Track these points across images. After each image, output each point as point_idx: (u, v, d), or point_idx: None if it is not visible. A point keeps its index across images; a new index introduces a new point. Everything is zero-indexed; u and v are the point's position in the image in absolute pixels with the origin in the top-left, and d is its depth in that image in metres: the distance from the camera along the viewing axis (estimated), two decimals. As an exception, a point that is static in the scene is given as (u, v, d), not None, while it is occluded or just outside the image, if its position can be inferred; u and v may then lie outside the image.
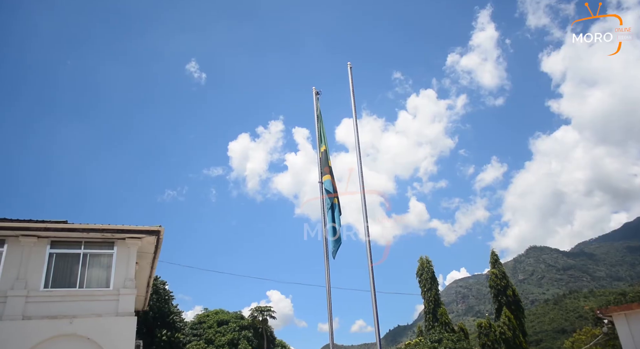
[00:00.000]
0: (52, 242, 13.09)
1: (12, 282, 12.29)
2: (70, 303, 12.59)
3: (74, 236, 13.17)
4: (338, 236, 7.44)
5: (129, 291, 13.10)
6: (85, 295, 12.78)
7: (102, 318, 12.54)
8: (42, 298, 12.40)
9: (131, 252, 13.63)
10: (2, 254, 12.57)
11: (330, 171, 7.97)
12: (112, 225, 13.12)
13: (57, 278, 12.92)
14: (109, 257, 13.50)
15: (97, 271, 13.34)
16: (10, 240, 12.72)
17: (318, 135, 8.45)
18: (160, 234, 13.68)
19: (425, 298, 41.76)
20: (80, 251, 13.28)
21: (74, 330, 12.19)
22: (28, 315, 12.06)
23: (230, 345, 37.67)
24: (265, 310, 44.60)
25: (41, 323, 12.03)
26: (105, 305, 12.83)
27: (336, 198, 7.69)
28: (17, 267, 12.50)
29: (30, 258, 12.70)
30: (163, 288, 39.05)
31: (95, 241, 13.48)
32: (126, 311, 12.87)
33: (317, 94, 8.67)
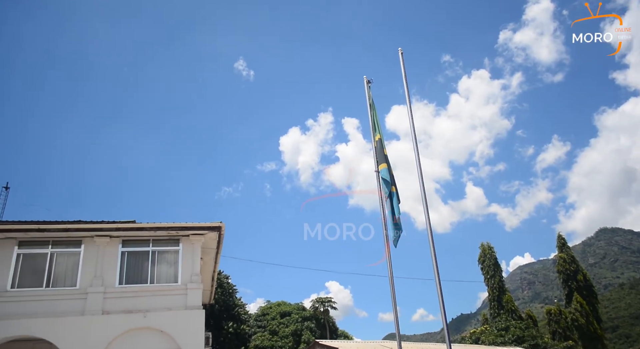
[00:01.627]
0: (124, 242, 13.87)
1: (91, 279, 13.14)
2: (143, 298, 13.28)
3: (143, 235, 13.87)
4: (398, 224, 7.35)
5: (195, 286, 13.64)
6: (156, 290, 13.44)
7: (172, 311, 13.15)
8: (117, 293, 13.18)
9: (195, 248, 14.16)
10: (80, 254, 13.47)
11: (386, 160, 7.86)
12: (177, 223, 13.69)
13: (130, 274, 13.67)
14: (175, 253, 14.11)
15: (165, 267, 13.98)
16: (86, 241, 13.60)
17: (372, 124, 8.35)
18: (222, 229, 14.11)
19: (489, 285, 40.58)
20: (149, 249, 13.98)
21: (148, 323, 12.87)
22: (107, 310, 12.87)
23: (294, 336, 38.44)
24: (326, 301, 45.06)
25: (118, 317, 12.80)
26: (174, 299, 13.44)
27: (394, 187, 7.57)
28: (94, 265, 13.35)
29: (105, 257, 13.52)
30: (226, 282, 40.39)
31: (162, 239, 14.13)
32: (194, 304, 13.41)
33: (369, 83, 8.56)
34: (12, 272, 12.91)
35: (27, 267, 13.16)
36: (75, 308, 12.78)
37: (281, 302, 43.47)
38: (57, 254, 13.42)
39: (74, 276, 13.25)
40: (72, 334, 12.35)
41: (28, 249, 13.28)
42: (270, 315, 40.76)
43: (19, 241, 13.24)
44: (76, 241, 13.58)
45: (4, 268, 12.85)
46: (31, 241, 13.34)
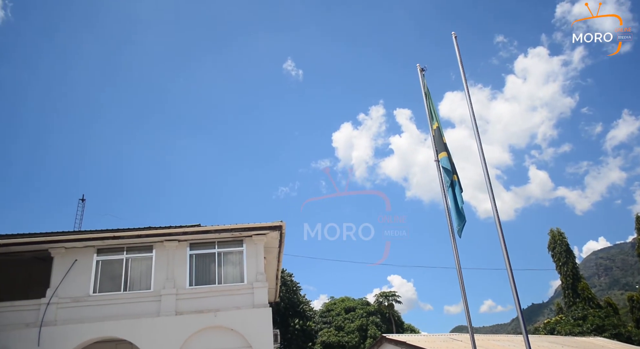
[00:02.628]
0: (191, 245, 14.44)
1: (163, 282, 13.80)
2: (212, 298, 13.77)
3: (208, 237, 14.38)
4: (462, 213, 7.12)
5: (261, 285, 13.96)
6: (224, 290, 13.89)
7: (241, 310, 13.54)
8: (188, 294, 13.75)
9: (258, 248, 14.49)
10: (152, 258, 14.18)
11: (446, 148, 7.65)
12: (239, 224, 14.07)
13: (199, 276, 14.22)
14: (240, 254, 14.50)
15: (231, 268, 14.42)
16: (157, 245, 14.29)
17: (428, 113, 8.15)
18: (283, 228, 14.34)
19: (562, 272, 38.59)
20: (215, 251, 14.47)
21: (219, 322, 13.33)
22: (180, 311, 13.46)
23: (360, 331, 38.48)
24: (390, 295, 44.74)
25: (191, 317, 13.35)
26: (242, 298, 13.82)
27: (455, 175, 7.36)
28: (165, 269, 14.01)
29: (175, 260, 14.14)
30: (290, 280, 41.06)
31: (226, 240, 14.57)
32: (261, 302, 13.74)
33: (423, 71, 8.35)
34: (93, 278, 13.81)
35: (105, 273, 14.04)
36: (151, 309, 13.47)
37: (345, 298, 43.62)
38: (131, 259, 14.21)
39: (148, 279, 13.98)
40: (150, 335, 13.03)
41: (105, 256, 14.15)
42: (335, 311, 41.02)
43: (97, 248, 14.14)
44: (148, 247, 14.31)
45: (86, 275, 13.78)
46: (108, 248, 14.20)
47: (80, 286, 13.62)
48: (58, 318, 13.15)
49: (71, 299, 13.41)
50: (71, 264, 13.80)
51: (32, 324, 12.98)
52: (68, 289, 13.54)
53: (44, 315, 13.04)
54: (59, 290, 13.45)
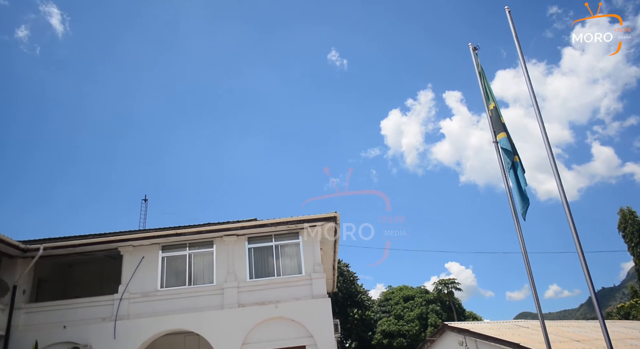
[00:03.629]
0: (249, 239, 14.80)
1: (225, 276, 14.25)
2: (272, 290, 14.07)
3: (265, 231, 14.66)
4: (525, 196, 6.81)
5: (319, 275, 14.09)
6: (283, 282, 14.14)
7: (300, 301, 13.75)
8: (249, 287, 14.12)
9: (314, 239, 14.62)
10: (213, 253, 14.67)
11: (504, 128, 7.33)
12: (294, 217, 14.24)
13: (258, 269, 14.56)
14: (296, 246, 14.70)
15: (288, 260, 14.65)
16: (217, 240, 14.76)
17: (484, 93, 7.84)
18: (337, 219, 14.37)
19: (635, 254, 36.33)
20: (272, 244, 14.75)
21: (280, 313, 13.61)
22: (242, 303, 13.86)
23: (420, 319, 38.06)
24: (449, 282, 43.92)
25: (253, 308, 13.72)
26: (301, 290, 14.03)
27: (516, 156, 7.03)
28: (226, 263, 14.45)
29: (235, 254, 14.55)
30: (347, 270, 41.21)
31: (283, 233, 14.81)
32: (320, 293, 13.88)
33: (475, 50, 8.01)
34: (160, 273, 14.49)
35: (170, 268, 14.68)
36: (214, 302, 13.96)
37: (403, 286, 43.27)
38: (194, 254, 14.76)
39: (210, 273, 14.48)
40: (215, 326, 13.52)
41: (170, 253, 14.79)
42: (393, 300, 40.80)
43: (162, 245, 14.80)
44: (208, 242, 14.81)
45: (154, 271, 14.48)
46: (171, 245, 14.83)
47: (148, 282, 14.33)
48: (130, 312, 13.92)
49: (141, 294, 14.14)
50: (139, 261, 14.54)
51: (107, 318, 13.82)
52: (138, 284, 14.28)
53: (118, 310, 13.84)
54: (129, 286, 14.21)
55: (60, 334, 13.65)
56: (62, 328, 13.73)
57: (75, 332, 13.67)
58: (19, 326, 13.87)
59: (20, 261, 14.57)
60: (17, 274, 14.39)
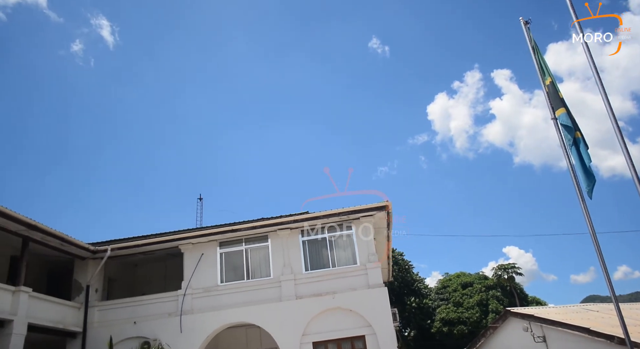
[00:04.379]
0: (302, 231, 14.95)
1: (281, 269, 14.49)
2: (328, 281, 14.16)
3: (318, 223, 14.75)
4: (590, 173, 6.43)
5: (374, 265, 14.04)
6: (338, 273, 14.20)
7: (357, 291, 13.76)
8: (305, 279, 14.29)
9: (367, 229, 14.56)
10: (268, 247, 14.95)
11: (563, 104, 6.94)
12: (346, 208, 14.23)
13: (313, 261, 14.70)
14: (349, 236, 14.70)
15: (342, 251, 14.69)
16: (271, 235, 15.02)
17: (539, 68, 7.44)
18: (389, 208, 14.23)
19: None
20: (325, 235, 14.83)
21: (338, 304, 13.69)
22: (299, 295, 14.06)
23: (480, 306, 37.16)
24: (509, 267, 42.53)
25: (311, 300, 13.88)
26: (357, 280, 14.04)
27: (578, 132, 6.64)
28: (282, 256, 14.69)
29: (289, 247, 14.76)
30: (401, 259, 40.87)
31: (335, 225, 14.85)
32: (376, 283, 13.83)
33: (527, 24, 7.61)
34: (219, 269, 14.95)
35: (229, 263, 15.11)
36: (273, 295, 14.24)
37: (460, 273, 42.33)
38: (250, 249, 15.11)
39: (267, 267, 14.78)
40: (275, 319, 13.80)
41: (227, 249, 15.21)
42: (451, 287, 40.02)
43: (220, 242, 15.24)
44: (263, 236, 15.10)
45: (213, 266, 14.96)
46: (228, 241, 15.25)
47: (209, 277, 14.83)
48: (194, 307, 14.47)
49: (203, 290, 14.66)
50: (199, 258, 15.06)
51: (173, 313, 14.44)
52: (199, 280, 14.81)
53: (182, 305, 14.43)
54: (191, 282, 14.77)
55: (131, 329, 14.43)
56: (132, 324, 14.50)
57: (144, 327, 14.40)
58: (93, 323, 14.78)
59: (91, 262, 15.49)
60: (89, 275, 15.31)
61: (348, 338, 13.48)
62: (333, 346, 13.56)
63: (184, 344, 13.59)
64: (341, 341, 13.51)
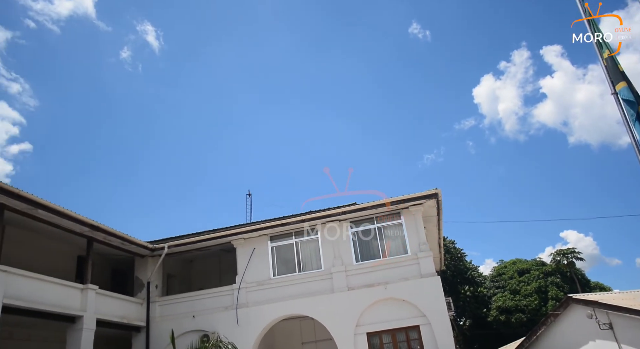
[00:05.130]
0: (351, 223, 14.94)
1: (332, 261, 14.56)
2: (379, 271, 14.09)
3: (366, 214, 14.69)
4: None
5: (425, 254, 13.83)
6: (390, 263, 14.09)
7: (409, 281, 13.61)
8: (356, 270, 14.29)
9: (417, 218, 14.34)
10: (318, 239, 15.05)
11: (624, 77, 6.50)
12: (394, 197, 14.07)
13: (363, 252, 14.66)
14: (399, 226, 14.54)
15: (392, 241, 14.55)
16: (321, 227, 15.11)
17: (596, 41, 7.02)
18: (438, 196, 13.95)
19: None
20: (374, 226, 14.75)
21: (390, 294, 13.60)
22: (351, 286, 14.08)
23: (539, 293, 35.87)
24: (568, 252, 40.75)
25: (362, 291, 13.87)
26: (408, 270, 13.88)
27: (641, 106, 6.19)
28: (332, 248, 14.75)
29: (339, 239, 14.80)
30: (453, 247, 40.09)
31: (384, 215, 14.73)
32: (428, 272, 13.62)
33: (582, -5, 7.16)
34: (271, 262, 15.22)
35: (280, 257, 15.35)
36: (325, 287, 14.34)
37: (516, 260, 40.96)
38: (300, 242, 15.27)
39: (317, 259, 14.89)
40: (328, 310, 13.90)
41: (278, 242, 15.45)
42: (507, 274, 38.84)
43: (270, 236, 15.50)
44: (312, 229, 15.21)
45: (265, 260, 15.25)
46: (279, 235, 15.48)
47: (261, 271, 15.13)
48: (249, 300, 14.83)
49: (256, 283, 14.98)
50: (251, 252, 15.39)
51: (229, 307, 14.86)
52: (252, 274, 15.15)
53: (237, 298, 14.82)
54: (245, 276, 15.13)
55: (191, 323, 14.98)
56: (191, 318, 15.06)
57: (203, 320, 14.92)
58: (155, 317, 15.46)
59: (150, 260, 16.19)
60: (149, 272, 16.01)
61: (402, 328, 13.39)
62: (387, 336, 13.50)
63: (241, 337, 13.96)
64: (395, 331, 13.44)
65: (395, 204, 14.21)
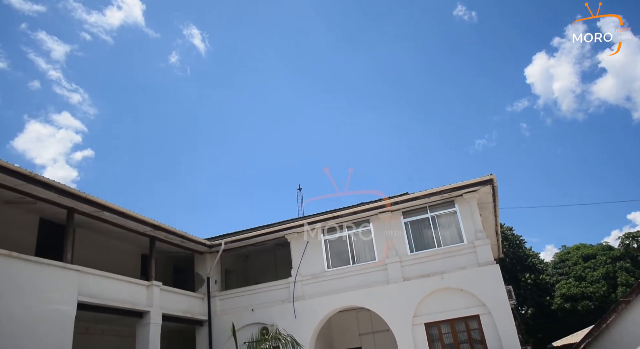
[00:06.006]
0: (404, 213, 14.77)
1: (386, 252, 14.47)
2: (435, 261, 13.86)
3: (418, 203, 14.46)
4: None
5: (482, 242, 13.45)
6: (445, 252, 13.83)
7: (466, 270, 13.30)
8: (411, 261, 14.13)
9: (472, 205, 13.97)
10: (371, 231, 15.01)
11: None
12: (447, 185, 13.75)
13: (417, 242, 14.46)
14: (453, 214, 14.22)
15: (447, 230, 14.26)
16: (373, 218, 15.04)
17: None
18: (494, 182, 13.50)
19: None
20: (428, 215, 14.50)
21: (447, 284, 13.36)
22: (407, 277, 13.95)
23: (606, 279, 34.02)
24: (638, 235, 38.32)
25: (418, 281, 13.71)
26: (465, 258, 13.56)
27: None
28: (385, 239, 14.65)
29: (392, 230, 14.67)
30: (511, 234, 38.78)
31: (437, 203, 14.45)
32: (486, 260, 13.25)
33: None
34: (325, 255, 15.34)
35: (333, 250, 15.44)
36: (380, 278, 14.30)
37: (580, 245, 38.97)
38: (353, 234, 15.29)
39: (371, 251, 14.86)
40: (384, 301, 13.86)
41: (331, 235, 15.55)
42: (570, 260, 37.07)
43: (323, 229, 15.62)
44: (365, 221, 15.18)
45: (319, 253, 15.39)
46: (331, 228, 15.56)
47: (316, 264, 15.29)
48: (305, 293, 15.04)
49: (311, 276, 15.16)
50: (305, 245, 15.58)
51: (286, 300, 15.15)
52: (307, 267, 15.34)
53: (294, 291, 15.07)
54: (300, 269, 15.35)
55: (250, 316, 15.40)
56: (250, 311, 15.47)
57: (261, 314, 15.30)
58: (216, 311, 16.02)
59: (208, 256, 16.76)
60: (207, 267, 16.60)
61: (461, 318, 13.14)
62: (446, 326, 13.30)
63: (299, 329, 14.19)
64: (454, 321, 13.21)
65: (449, 192, 13.90)
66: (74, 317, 10.76)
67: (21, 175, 9.75)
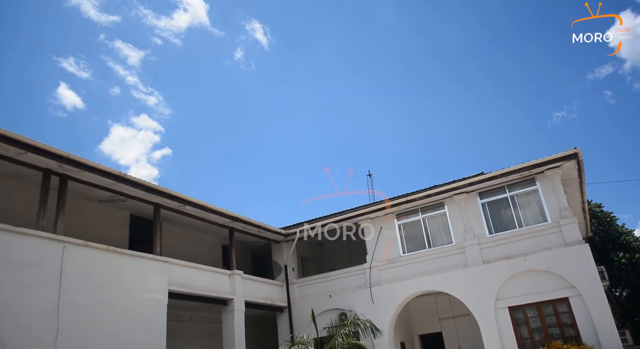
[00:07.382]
0: (480, 194, 14.21)
1: (463, 234, 14.06)
2: (516, 242, 13.24)
3: (495, 183, 13.84)
4: None
5: (568, 221, 12.65)
6: (527, 233, 13.16)
7: (552, 250, 12.58)
8: (490, 243, 13.61)
9: (555, 182, 13.15)
10: (446, 214, 14.62)
11: None
12: (526, 163, 13.03)
13: (496, 223, 13.89)
14: (534, 193, 13.48)
15: (528, 209, 13.55)
16: (447, 201, 14.64)
17: None
18: (579, 156, 12.59)
19: None
20: (506, 195, 13.84)
21: (531, 266, 12.73)
22: (486, 259, 13.47)
23: None
24: None
25: (499, 264, 13.19)
26: (549, 238, 12.83)
27: None
28: (461, 221, 14.22)
29: (468, 211, 14.20)
30: (600, 211, 36.18)
31: (516, 182, 13.76)
32: (574, 239, 12.46)
33: None
34: (400, 240, 15.20)
35: (408, 234, 15.24)
36: (458, 261, 13.94)
37: (680, 220, 35.59)
38: (427, 218, 14.99)
39: (447, 234, 14.50)
40: (463, 285, 13.50)
41: (404, 220, 15.35)
42: (672, 237, 33.90)
43: (396, 214, 15.47)
44: (439, 204, 14.82)
45: (393, 238, 15.27)
46: (405, 212, 15.37)
47: (391, 249, 15.19)
48: (381, 278, 15.03)
49: (387, 261, 15.11)
50: (379, 231, 15.53)
51: (363, 286, 15.23)
52: (382, 253, 15.29)
53: (370, 277, 15.11)
54: (375, 255, 15.34)
55: (328, 302, 15.67)
56: (328, 297, 15.74)
57: (339, 299, 15.52)
58: (295, 298, 16.47)
59: (284, 245, 17.24)
60: (284, 256, 17.07)
61: (548, 301, 12.48)
62: (532, 310, 12.71)
63: (377, 314, 14.22)
64: (541, 304, 12.59)
65: (529, 169, 13.17)
66: (166, 304, 11.55)
67: (112, 175, 10.55)
